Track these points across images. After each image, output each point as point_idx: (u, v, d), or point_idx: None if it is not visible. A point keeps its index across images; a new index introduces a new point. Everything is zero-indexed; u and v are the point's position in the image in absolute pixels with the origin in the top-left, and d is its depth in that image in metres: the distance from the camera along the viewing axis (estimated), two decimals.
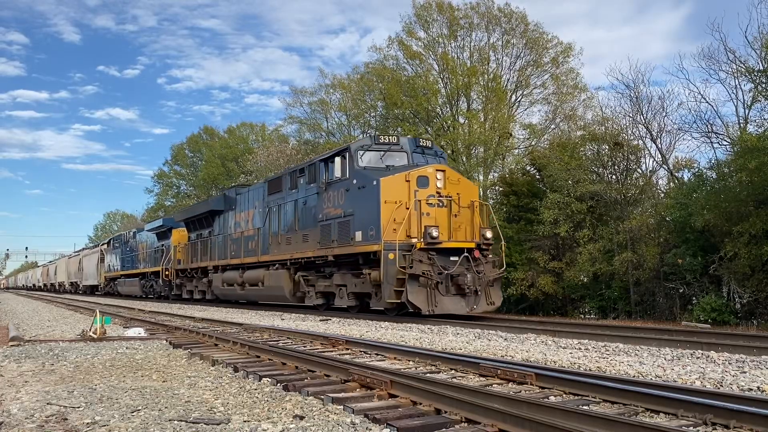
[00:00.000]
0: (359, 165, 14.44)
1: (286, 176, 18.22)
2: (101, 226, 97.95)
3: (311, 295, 16.56)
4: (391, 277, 12.86)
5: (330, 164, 15.38)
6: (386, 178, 13.51)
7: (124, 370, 7.07)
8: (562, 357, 7.09)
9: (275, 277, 17.85)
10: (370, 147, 14.70)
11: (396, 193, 13.40)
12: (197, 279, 25.03)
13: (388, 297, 12.93)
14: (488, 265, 13.54)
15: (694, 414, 4.13)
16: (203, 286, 24.30)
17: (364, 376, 5.49)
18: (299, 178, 17.18)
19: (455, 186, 13.97)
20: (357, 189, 14.26)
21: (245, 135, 59.87)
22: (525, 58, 33.42)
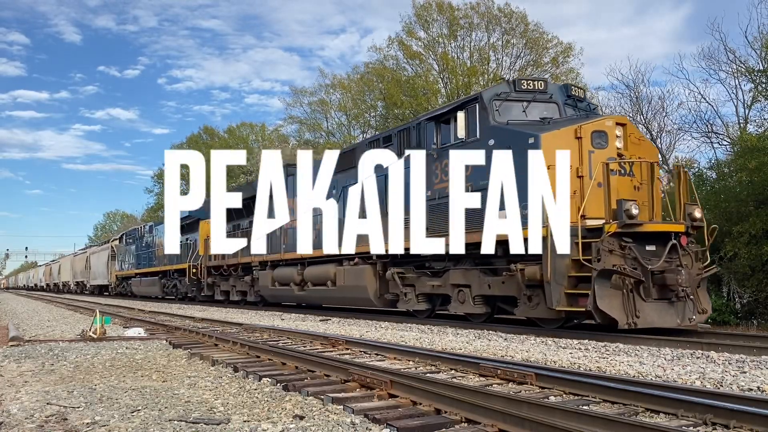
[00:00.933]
0: (496, 119, 10.83)
1: (363, 147, 14.68)
2: (101, 226, 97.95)
3: (409, 298, 13.00)
4: (561, 275, 9.34)
5: (443, 124, 12.05)
6: (549, 134, 9.87)
7: (124, 370, 7.07)
8: (562, 357, 7.09)
9: (354, 275, 14.27)
10: (509, 95, 11.10)
11: None
12: (235, 277, 21.61)
13: (557, 302, 9.30)
14: (688, 257, 9.71)
15: (694, 414, 4.13)
16: (243, 285, 20.97)
17: (364, 376, 5.49)
18: (384, 149, 13.56)
19: (637, 147, 10.36)
20: None
21: (245, 135, 59.90)
22: (525, 58, 33.43)
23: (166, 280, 28.85)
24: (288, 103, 43.63)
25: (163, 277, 29.19)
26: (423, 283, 12.66)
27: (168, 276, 28.59)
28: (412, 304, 12.98)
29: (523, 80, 11.31)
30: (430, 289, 12.48)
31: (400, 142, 13.14)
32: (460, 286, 11.64)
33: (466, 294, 11.51)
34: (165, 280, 28.97)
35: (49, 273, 71.69)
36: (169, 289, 28.80)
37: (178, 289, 27.44)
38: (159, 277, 29.52)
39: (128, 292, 36.46)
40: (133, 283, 34.33)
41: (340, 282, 14.79)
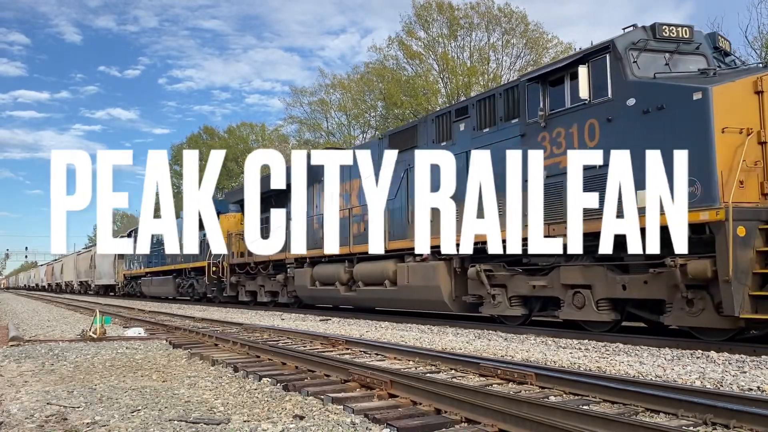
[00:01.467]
0: (635, 73, 8.64)
1: (426, 123, 12.55)
2: None
3: (499, 302, 10.64)
4: (744, 272, 7.18)
5: (553, 85, 9.75)
6: (721, 87, 7.69)
7: (124, 370, 7.07)
8: (562, 357, 7.09)
9: (422, 273, 12.06)
10: (648, 44, 8.91)
11: (739, 116, 7.61)
12: (264, 276, 19.56)
13: (740, 307, 7.13)
14: None
15: (694, 414, 4.13)
16: (274, 285, 18.93)
17: (364, 376, 5.49)
18: (457, 123, 11.62)
19: None
20: (639, 114, 8.31)
21: (245, 135, 59.96)
22: (525, 58, 33.47)
23: (182, 279, 27.00)
24: (288, 103, 43.74)
25: (177, 276, 27.36)
26: (518, 282, 10.33)
27: (183, 275, 26.66)
28: (503, 308, 10.61)
29: (664, 26, 9.05)
30: (529, 290, 10.13)
31: (480, 113, 11.05)
32: (577, 286, 9.29)
33: (585, 297, 9.14)
34: (180, 279, 27.11)
35: (51, 272, 69.77)
36: (184, 289, 27.00)
37: (195, 289, 25.69)
38: (173, 276, 27.66)
39: (137, 292, 34.80)
40: (143, 283, 32.62)
41: (401, 281, 12.57)
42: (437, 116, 12.36)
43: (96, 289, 46.07)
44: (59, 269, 63.19)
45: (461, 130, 11.50)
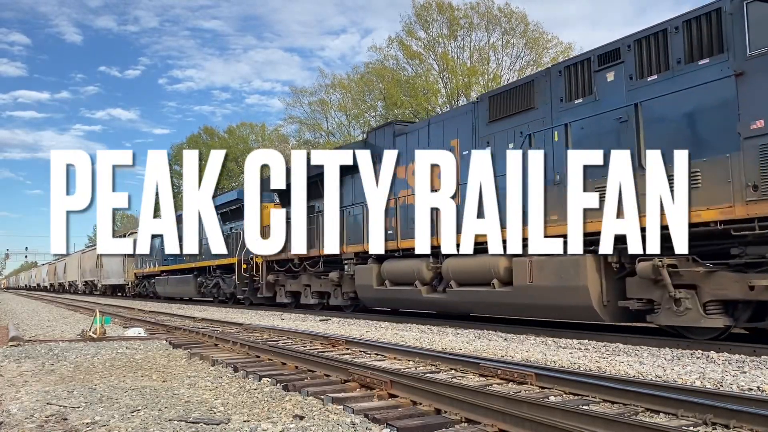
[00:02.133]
0: None
1: (549, 77, 9.87)
2: None
3: (686, 308, 7.74)
4: None
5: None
6: None
7: (124, 370, 7.07)
8: (562, 357, 7.09)
9: (557, 269, 9.12)
10: None
11: None
12: (311, 275, 16.65)
13: None
14: None
15: (694, 414, 4.13)
16: (323, 285, 16.10)
17: (364, 376, 5.49)
18: (603, 72, 8.93)
19: None
20: None
21: (245, 135, 59.98)
22: (525, 58, 33.49)
23: (204, 278, 23.77)
24: (288, 103, 43.76)
25: (199, 275, 24.23)
26: (723, 281, 7.51)
27: (207, 273, 23.50)
28: (693, 317, 7.71)
29: None
30: (744, 293, 7.25)
31: (641, 56, 8.40)
32: None
33: None
34: (202, 278, 23.93)
35: (53, 272, 66.61)
36: (207, 290, 23.82)
37: (221, 290, 22.69)
38: (194, 275, 24.60)
39: (150, 292, 31.86)
40: (158, 282, 29.67)
41: (520, 280, 9.79)
42: (567, 66, 9.65)
43: (103, 290, 43.43)
44: (62, 268, 60.59)
45: (610, 81, 8.82)
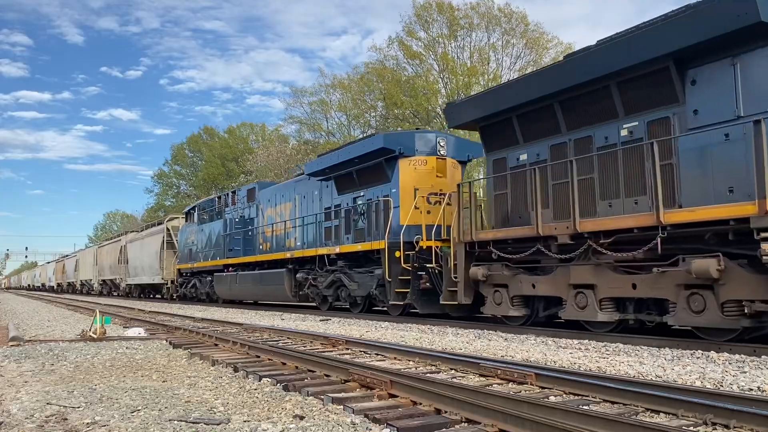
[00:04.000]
0: None
1: None
2: (101, 226, 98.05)
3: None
4: None
5: None
6: None
7: (124, 370, 7.08)
8: (562, 357, 7.09)
9: None
10: None
11: None
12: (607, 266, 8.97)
13: None
14: None
15: (694, 414, 4.13)
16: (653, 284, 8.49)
17: (364, 376, 5.49)
18: None
19: None
20: None
21: (245, 135, 59.98)
22: (525, 58, 33.49)
23: (308, 273, 16.90)
24: (288, 104, 43.74)
25: (300, 269, 17.40)
26: None
27: (313, 266, 16.61)
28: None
29: None
30: None
31: None
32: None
33: None
34: (304, 274, 17.07)
35: (61, 270, 58.75)
36: (316, 291, 16.59)
37: (343, 290, 15.41)
38: (290, 269, 17.58)
39: (202, 294, 24.29)
40: (219, 281, 21.84)
41: None
42: None
43: (128, 290, 35.65)
44: (72, 266, 52.68)
45: None
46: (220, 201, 23.52)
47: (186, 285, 26.05)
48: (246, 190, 21.73)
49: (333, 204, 16.18)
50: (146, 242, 31.80)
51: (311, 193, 17.25)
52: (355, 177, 15.10)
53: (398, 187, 13.78)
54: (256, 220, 20.62)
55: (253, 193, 21.01)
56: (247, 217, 21.08)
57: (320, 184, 16.74)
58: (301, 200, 17.83)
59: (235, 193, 22.72)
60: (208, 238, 23.61)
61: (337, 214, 15.92)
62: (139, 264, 32.73)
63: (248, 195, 21.38)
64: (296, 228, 17.83)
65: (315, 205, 17.05)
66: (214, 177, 56.43)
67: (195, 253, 24.84)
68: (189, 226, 26.14)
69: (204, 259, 23.64)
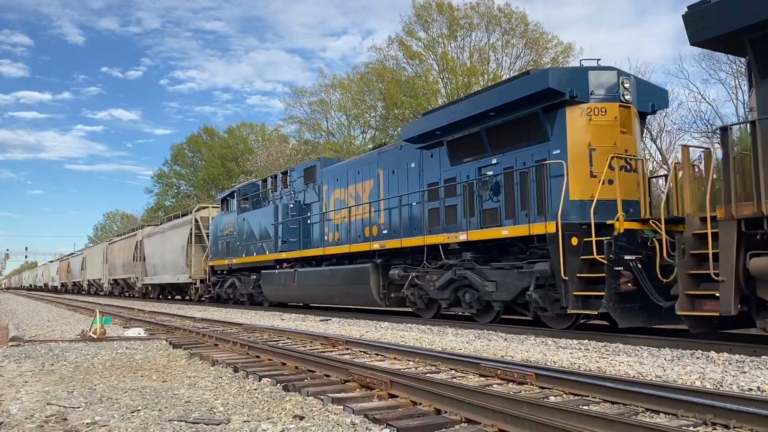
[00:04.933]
0: None
1: None
2: (101, 226, 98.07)
3: None
4: None
5: None
6: None
7: (124, 370, 7.07)
8: (562, 357, 7.09)
9: None
10: None
11: None
12: None
13: None
14: None
15: (694, 414, 4.13)
16: None
17: (364, 376, 5.49)
18: None
19: None
20: None
21: (245, 135, 59.94)
22: (525, 58, 33.46)
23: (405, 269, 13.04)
24: (288, 104, 43.72)
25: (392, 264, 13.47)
26: None
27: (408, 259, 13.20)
28: None
29: None
30: None
31: None
32: None
33: None
34: (400, 271, 13.04)
35: (66, 269, 54.98)
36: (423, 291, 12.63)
37: (479, 294, 11.17)
38: (376, 265, 13.74)
39: (243, 295, 20.54)
40: (267, 280, 18.09)
41: None
42: None
43: (144, 291, 32.05)
44: (79, 264, 48.53)
45: None
46: (266, 185, 20.10)
47: (221, 285, 22.23)
48: (302, 170, 18.06)
49: (442, 178, 12.33)
50: (168, 236, 27.73)
51: (405, 166, 13.49)
52: (483, 138, 11.30)
53: (565, 147, 9.94)
54: (317, 205, 17.12)
55: (313, 172, 17.39)
56: (304, 203, 17.66)
57: (420, 154, 12.99)
58: (388, 176, 14.07)
59: (287, 174, 18.90)
60: (251, 228, 19.58)
61: (450, 191, 12.08)
62: (158, 261, 28.75)
63: (306, 175, 17.72)
64: (382, 212, 14.13)
65: (412, 181, 13.23)
66: (214, 177, 56.42)
67: (234, 246, 20.67)
68: (225, 216, 21.88)
69: (246, 253, 19.67)
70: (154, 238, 30.43)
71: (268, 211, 18.62)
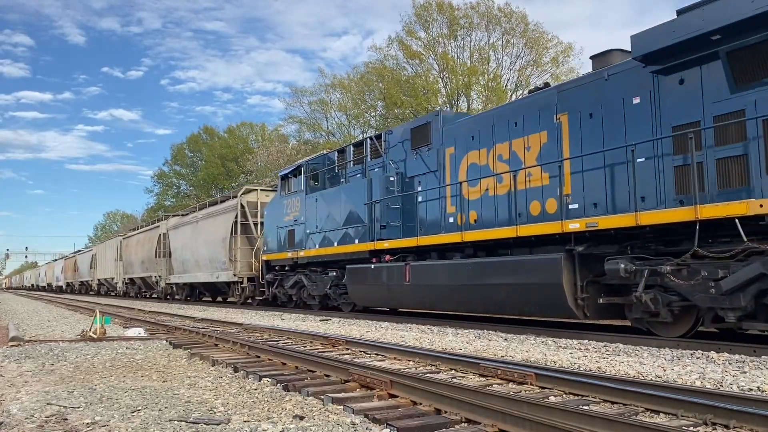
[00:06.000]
0: None
1: None
2: (101, 226, 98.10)
3: None
4: None
5: None
6: None
7: (124, 370, 7.08)
8: (562, 357, 7.09)
9: None
10: None
11: None
12: None
13: None
14: None
15: (694, 414, 4.13)
16: None
17: (364, 376, 5.49)
18: None
19: None
20: None
21: (245, 135, 59.93)
22: (525, 58, 33.49)
23: (643, 261, 8.34)
24: (288, 103, 43.72)
25: (605, 254, 8.92)
26: None
27: (626, 246, 8.75)
28: None
29: None
30: None
31: None
32: None
33: None
34: (628, 264, 8.38)
35: (72, 268, 51.47)
36: (670, 297, 8.07)
37: None
38: (570, 255, 9.27)
39: (315, 297, 16.33)
40: (356, 277, 14.15)
41: None
42: None
43: (168, 291, 28.28)
44: (87, 262, 44.79)
45: None
46: (345, 156, 15.98)
47: (279, 284, 18.10)
48: (408, 130, 13.60)
49: (712, 114, 7.87)
50: (203, 227, 23.58)
51: (616, 104, 9.20)
52: None
53: None
54: (430, 177, 12.84)
55: (426, 132, 13.00)
56: (408, 175, 13.47)
57: (655, 82, 8.65)
58: (580, 123, 9.75)
59: (381, 138, 14.51)
60: (328, 212, 15.35)
61: (731, 133, 7.67)
62: (190, 257, 24.58)
63: (415, 137, 13.30)
64: (567, 177, 9.79)
65: (634, 126, 8.90)
66: (214, 177, 56.42)
67: (301, 236, 16.53)
68: (286, 198, 17.56)
69: (321, 244, 15.50)
70: (183, 229, 26.03)
71: (356, 187, 14.50)
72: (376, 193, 13.67)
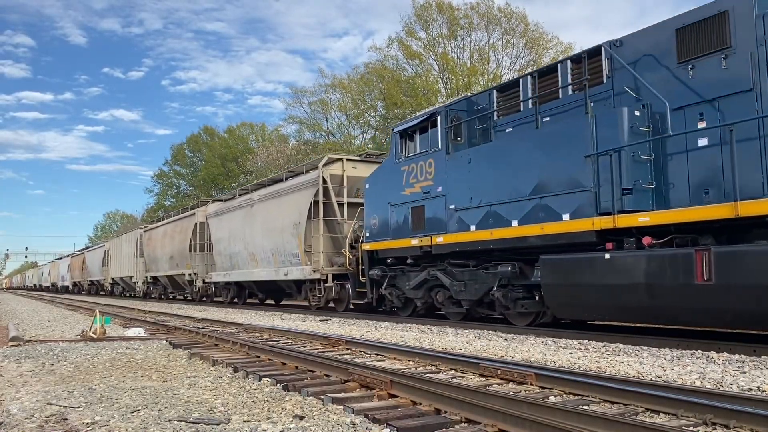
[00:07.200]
0: None
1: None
2: (101, 226, 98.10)
3: None
4: None
5: None
6: None
7: (124, 370, 7.07)
8: (562, 357, 7.09)
9: None
10: None
11: None
12: None
13: None
14: None
15: (694, 414, 4.13)
16: None
17: (364, 376, 5.48)
18: None
19: None
20: None
21: (245, 135, 59.95)
22: (525, 58, 33.48)
23: None
24: (288, 104, 43.76)
25: None
26: None
27: None
28: None
29: None
30: None
31: None
32: None
33: None
34: None
35: (80, 266, 46.95)
36: None
37: None
38: None
39: (461, 303, 11.70)
40: (569, 275, 9.00)
41: None
42: None
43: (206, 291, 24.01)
44: (98, 259, 39.96)
45: None
46: (528, 86, 10.51)
47: (391, 281, 13.62)
48: (673, 31, 8.24)
49: None
50: (261, 211, 19.00)
51: None
52: None
53: None
54: (737, 100, 7.49)
55: (719, 27, 7.72)
56: (674, 107, 8.08)
57: None
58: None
59: (601, 53, 9.27)
60: (499, 174, 10.41)
61: None
62: (239, 249, 20.19)
63: (686, 40, 8.08)
64: None
65: None
66: (214, 177, 56.44)
67: (438, 213, 11.76)
68: (407, 163, 12.72)
69: (481, 224, 10.70)
70: (229, 216, 21.45)
71: (564, 131, 9.35)
72: (608, 137, 8.52)
